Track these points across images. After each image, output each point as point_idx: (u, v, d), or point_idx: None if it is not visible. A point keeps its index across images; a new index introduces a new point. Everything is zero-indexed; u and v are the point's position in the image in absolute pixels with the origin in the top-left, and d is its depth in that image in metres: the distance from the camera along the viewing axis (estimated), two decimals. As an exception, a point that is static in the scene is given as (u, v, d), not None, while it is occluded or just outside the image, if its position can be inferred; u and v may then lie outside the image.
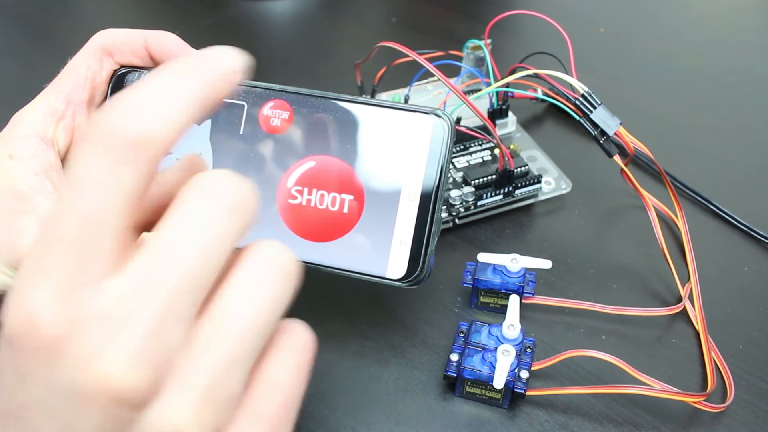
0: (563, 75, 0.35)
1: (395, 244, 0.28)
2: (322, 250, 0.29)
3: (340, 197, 0.29)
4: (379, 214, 0.28)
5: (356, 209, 0.29)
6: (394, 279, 0.28)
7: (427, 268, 0.28)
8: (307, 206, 0.29)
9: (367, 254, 0.29)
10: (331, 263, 0.29)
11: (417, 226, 0.28)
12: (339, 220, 0.29)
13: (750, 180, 0.44)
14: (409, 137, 0.28)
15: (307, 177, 0.29)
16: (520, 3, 0.65)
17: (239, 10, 0.61)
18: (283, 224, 0.29)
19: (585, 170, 0.43)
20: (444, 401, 0.32)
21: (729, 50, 0.56)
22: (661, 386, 0.32)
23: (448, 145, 0.28)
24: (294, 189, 0.29)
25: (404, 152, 0.28)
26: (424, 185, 0.28)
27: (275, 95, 0.30)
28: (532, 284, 0.36)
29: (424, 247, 0.28)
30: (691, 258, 0.37)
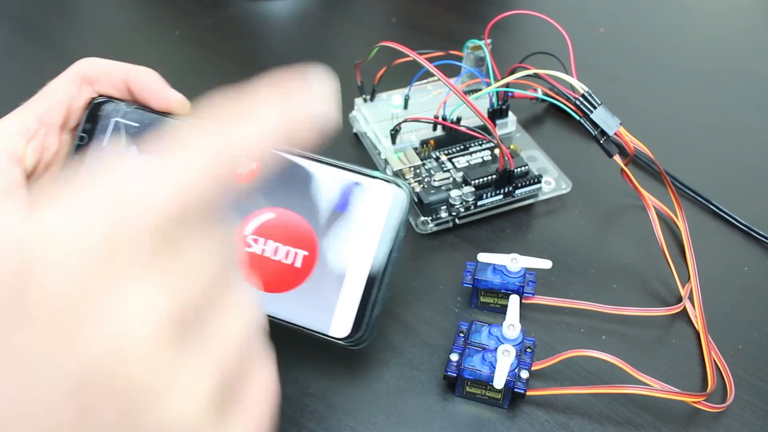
0: (563, 75, 0.35)
1: (341, 304, 0.29)
2: (270, 301, 0.30)
3: (294, 251, 0.30)
4: (330, 273, 0.29)
5: (308, 265, 0.30)
6: (336, 338, 0.29)
7: (370, 332, 0.29)
8: (261, 256, 0.30)
9: (313, 310, 0.29)
10: (277, 315, 0.30)
11: (365, 290, 0.29)
12: (290, 274, 0.30)
13: (750, 180, 0.44)
14: (367, 203, 0.29)
15: (264, 227, 0.30)
16: (520, 3, 0.65)
17: (239, 10, 0.61)
18: None
19: (585, 170, 0.43)
20: (444, 401, 0.32)
21: (729, 50, 0.56)
22: (661, 386, 0.32)
23: (404, 214, 0.29)
24: (251, 237, 0.30)
25: (361, 216, 0.29)
26: (377, 252, 0.29)
27: None
28: (532, 284, 0.36)
29: (369, 311, 0.29)
30: (691, 258, 0.37)
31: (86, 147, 0.33)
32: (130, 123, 0.33)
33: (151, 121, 0.32)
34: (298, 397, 0.32)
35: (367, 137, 0.45)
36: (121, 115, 0.33)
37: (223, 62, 0.55)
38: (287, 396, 0.32)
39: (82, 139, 0.33)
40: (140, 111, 0.33)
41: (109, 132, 0.33)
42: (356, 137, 0.47)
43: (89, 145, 0.33)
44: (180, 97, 0.32)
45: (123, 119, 0.33)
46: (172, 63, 0.55)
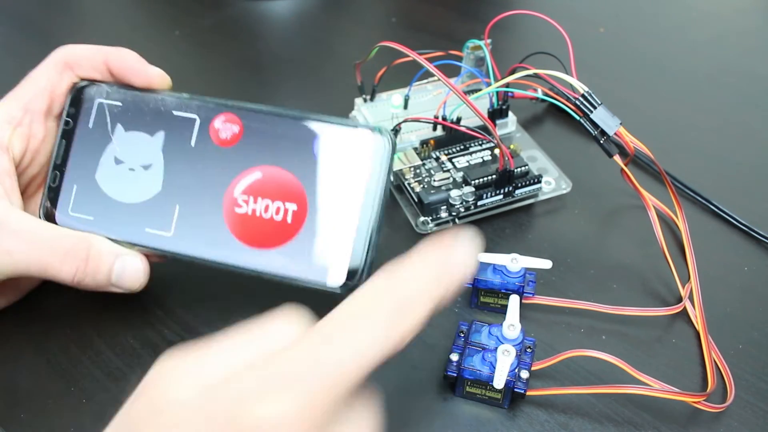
0: (563, 75, 0.35)
1: (335, 253, 0.29)
2: (264, 258, 0.30)
3: (284, 206, 0.30)
4: (321, 224, 0.30)
5: (299, 219, 0.30)
6: (333, 287, 0.29)
7: (363, 278, 0.29)
8: (252, 215, 0.30)
9: (307, 263, 0.30)
10: (273, 271, 0.30)
11: (357, 237, 0.29)
12: (282, 229, 0.30)
13: (750, 180, 0.44)
14: (351, 152, 0.30)
15: (253, 187, 0.31)
16: (520, 3, 0.65)
17: (239, 10, 0.61)
18: (228, 231, 0.31)
19: (585, 170, 0.43)
20: (444, 401, 0.32)
21: (729, 50, 0.56)
22: (661, 386, 0.32)
23: (388, 160, 0.29)
24: (240, 198, 0.31)
25: (347, 166, 0.30)
26: (365, 199, 0.29)
27: (226, 109, 0.32)
28: (532, 284, 0.36)
29: (363, 257, 0.29)
30: (691, 258, 0.37)
31: (72, 131, 0.34)
32: (113, 103, 0.33)
33: (134, 99, 0.33)
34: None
35: (367, 137, 0.45)
36: (104, 96, 0.33)
37: (223, 62, 0.55)
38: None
39: (67, 124, 0.34)
40: (123, 90, 0.33)
41: (93, 114, 0.33)
42: (356, 137, 0.46)
43: (75, 129, 0.34)
44: (160, 72, 0.33)
45: (106, 100, 0.33)
46: (172, 63, 0.55)
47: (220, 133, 0.31)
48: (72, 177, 0.33)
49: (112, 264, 0.32)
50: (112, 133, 0.33)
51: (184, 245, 0.31)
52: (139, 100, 0.33)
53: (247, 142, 0.31)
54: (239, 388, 0.20)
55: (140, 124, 0.33)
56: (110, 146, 0.33)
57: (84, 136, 0.33)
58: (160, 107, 0.32)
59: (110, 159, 0.33)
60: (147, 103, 0.33)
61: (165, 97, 0.33)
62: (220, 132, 0.31)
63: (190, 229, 0.31)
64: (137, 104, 0.33)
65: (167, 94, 0.33)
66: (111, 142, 0.33)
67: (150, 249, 0.32)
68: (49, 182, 0.34)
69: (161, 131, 0.32)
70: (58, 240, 0.32)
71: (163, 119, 0.32)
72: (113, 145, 0.33)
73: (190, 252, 0.31)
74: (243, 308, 0.26)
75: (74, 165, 0.33)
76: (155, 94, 0.33)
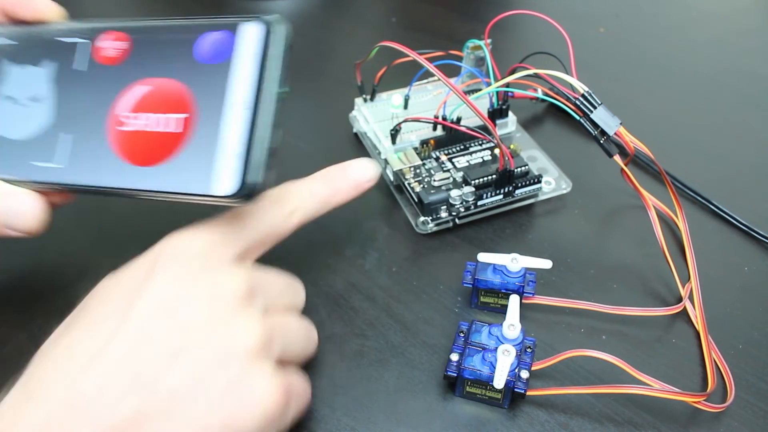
0: (563, 75, 0.35)
1: (227, 158, 0.27)
2: (155, 175, 0.28)
3: (172, 117, 0.28)
4: (211, 129, 0.27)
5: (188, 127, 0.28)
6: (226, 195, 0.26)
7: (259, 182, 0.27)
8: (141, 131, 0.28)
9: (198, 173, 0.27)
10: (164, 188, 0.28)
11: (249, 138, 0.26)
12: (170, 141, 0.28)
13: (750, 180, 0.44)
14: (236, 49, 0.27)
15: (140, 101, 0.29)
16: (520, 3, 0.65)
17: (239, 11, 0.61)
18: (111, 152, 0.29)
19: (585, 170, 0.43)
20: (444, 401, 0.32)
21: (729, 50, 0.56)
22: (661, 386, 0.32)
23: (280, 51, 0.27)
24: (128, 116, 0.29)
25: (234, 63, 0.27)
26: (255, 92, 0.27)
27: (110, 29, 0.30)
28: (533, 284, 0.36)
29: (256, 158, 0.26)
30: (691, 258, 0.37)
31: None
32: (7, 42, 0.32)
33: (25, 34, 0.32)
34: (298, 397, 0.32)
35: (367, 137, 0.45)
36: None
37: (223, 62, 0.55)
38: (287, 396, 0.32)
39: None
40: (15, 27, 0.32)
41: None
42: (356, 137, 0.47)
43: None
44: (48, 2, 0.32)
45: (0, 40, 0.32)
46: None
47: (104, 53, 0.30)
48: None
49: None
50: (3, 71, 0.32)
51: (76, 175, 0.30)
52: (30, 34, 0.32)
53: (133, 57, 0.30)
54: None
55: (30, 58, 0.32)
56: (2, 85, 0.32)
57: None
58: (47, 37, 0.32)
59: (2, 98, 0.32)
60: (38, 35, 0.32)
61: (53, 27, 0.32)
62: (105, 51, 0.30)
63: (80, 158, 0.30)
64: (27, 39, 0.32)
65: (57, 24, 0.32)
66: (2, 81, 0.32)
67: (44, 184, 0.30)
68: None
69: (49, 61, 0.31)
70: None
71: (51, 48, 0.31)
72: (4, 83, 0.32)
73: (83, 181, 0.29)
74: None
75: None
76: (46, 26, 0.32)
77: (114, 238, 0.39)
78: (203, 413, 0.25)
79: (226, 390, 0.25)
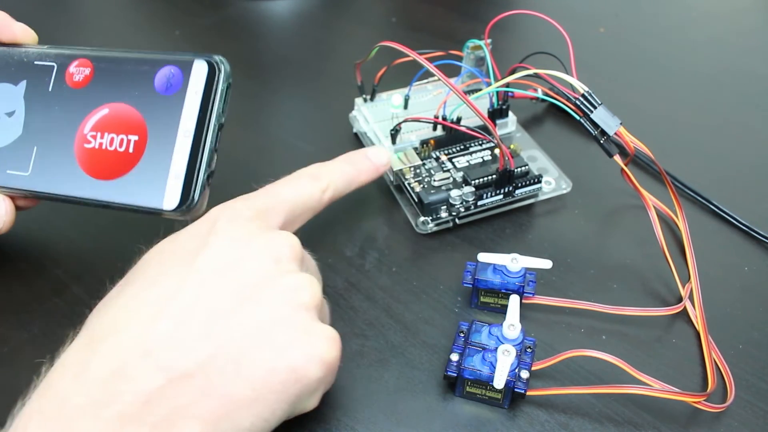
0: (563, 75, 0.35)
1: (171, 177, 0.31)
2: (109, 188, 0.32)
3: (127, 138, 0.32)
4: (159, 152, 0.32)
5: (140, 149, 0.32)
6: (168, 210, 0.31)
7: (196, 199, 0.31)
8: (99, 149, 0.33)
9: (146, 189, 0.32)
10: (117, 200, 0.32)
11: (190, 161, 0.31)
12: (125, 159, 0.32)
13: (750, 180, 0.44)
14: (185, 82, 0.32)
15: (100, 123, 0.33)
16: (520, 3, 0.65)
17: (239, 10, 0.61)
18: (77, 166, 0.33)
19: (585, 170, 0.43)
20: (444, 401, 0.32)
21: (729, 50, 0.56)
22: (661, 386, 0.32)
23: (221, 85, 0.32)
24: (89, 134, 0.33)
25: (183, 94, 0.32)
26: (197, 122, 0.31)
27: (80, 56, 0.34)
28: (533, 284, 0.36)
29: (195, 178, 0.31)
30: (691, 258, 0.37)
31: None
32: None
33: (4, 54, 0.36)
34: (298, 397, 0.32)
35: (367, 137, 0.45)
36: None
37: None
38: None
39: None
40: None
41: None
42: (356, 137, 0.47)
43: None
44: (24, 27, 0.36)
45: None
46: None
47: (74, 77, 0.34)
48: None
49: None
50: None
51: (40, 183, 0.34)
52: (6, 54, 0.36)
53: (96, 83, 0.34)
54: None
55: (5, 76, 0.36)
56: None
57: None
58: (23, 59, 0.35)
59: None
60: (12, 56, 0.36)
61: (28, 50, 0.36)
62: (74, 75, 0.34)
63: (45, 168, 0.34)
64: (4, 59, 0.36)
65: (32, 47, 0.36)
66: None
67: (10, 189, 0.34)
68: None
69: (23, 80, 0.35)
70: None
71: (26, 69, 0.35)
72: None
73: (45, 189, 0.34)
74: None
75: None
76: (22, 48, 0.36)
77: (114, 238, 0.39)
78: (271, 359, 0.26)
79: (292, 339, 0.27)
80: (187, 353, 0.25)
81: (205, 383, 0.25)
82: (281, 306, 0.27)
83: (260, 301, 0.27)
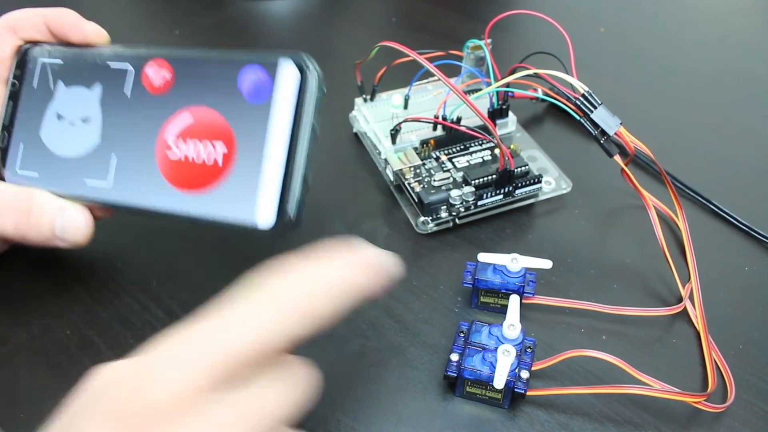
0: (563, 75, 0.35)
1: (264, 193, 0.29)
2: (198, 201, 0.30)
3: (214, 148, 0.30)
4: (250, 163, 0.29)
5: (229, 159, 0.30)
6: (263, 228, 0.29)
7: (295, 218, 0.29)
8: (184, 159, 0.30)
9: (237, 204, 0.29)
10: (204, 214, 0.30)
11: (285, 176, 0.29)
12: (212, 171, 0.30)
13: (750, 180, 0.44)
14: (275, 86, 0.29)
15: (183, 130, 0.31)
16: (520, 3, 0.65)
17: (239, 10, 0.61)
18: (160, 176, 0.31)
19: (585, 170, 0.43)
20: (444, 401, 0.32)
21: (729, 50, 0.56)
22: (661, 386, 0.32)
23: (315, 91, 0.29)
24: (171, 142, 0.31)
25: (274, 102, 0.29)
26: (292, 136, 0.29)
27: (157, 56, 0.32)
28: (533, 284, 0.36)
29: (292, 196, 0.28)
30: (691, 258, 0.37)
31: (18, 92, 0.35)
32: (54, 61, 0.34)
33: (73, 55, 0.34)
34: (298, 397, 0.32)
35: (367, 137, 0.45)
36: (45, 55, 0.35)
37: (223, 62, 0.55)
38: (287, 396, 0.32)
39: (14, 86, 0.35)
40: (63, 48, 0.34)
41: (37, 74, 0.35)
42: (356, 137, 0.47)
43: (21, 89, 0.35)
44: (95, 27, 0.34)
45: (48, 59, 0.34)
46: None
47: (152, 81, 0.32)
48: (19, 136, 0.34)
49: (54, 217, 0.32)
50: (54, 90, 0.34)
51: (123, 195, 0.32)
52: (78, 56, 0.34)
53: (177, 87, 0.31)
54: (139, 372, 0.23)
55: (79, 79, 0.34)
56: (52, 103, 0.34)
57: (29, 96, 0.35)
58: (97, 61, 0.33)
59: (53, 115, 0.34)
60: (85, 59, 0.34)
61: (101, 51, 0.34)
62: (152, 79, 0.32)
63: (126, 179, 0.32)
64: (76, 60, 0.34)
65: (104, 48, 0.34)
66: (53, 99, 0.34)
67: (91, 201, 0.33)
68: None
69: (98, 84, 0.33)
70: (22, 201, 0.32)
71: (100, 72, 0.33)
72: (55, 101, 0.34)
73: (129, 201, 0.32)
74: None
75: (21, 124, 0.35)
76: (93, 49, 0.34)
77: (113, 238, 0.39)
78: None
79: None
80: None
81: None
82: None
83: None
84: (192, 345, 0.23)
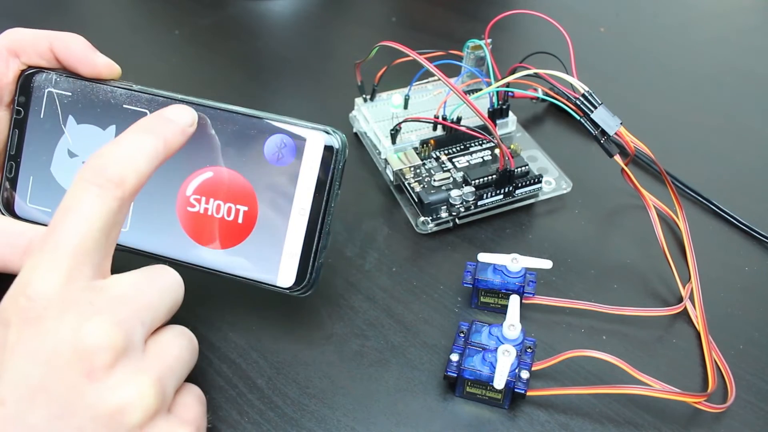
0: (564, 75, 0.35)
1: (285, 255, 0.30)
2: (217, 256, 0.31)
3: (235, 207, 0.31)
4: (271, 226, 0.30)
5: (250, 220, 0.30)
6: (283, 287, 0.31)
7: (314, 279, 0.30)
8: (204, 214, 0.31)
9: (258, 263, 0.31)
10: (225, 269, 0.31)
11: (306, 239, 0.30)
12: (234, 230, 0.31)
13: (750, 180, 0.44)
14: (302, 153, 0.30)
15: (204, 186, 0.31)
16: (520, 3, 0.65)
17: (239, 10, 0.61)
18: (181, 230, 0.31)
19: (585, 170, 0.43)
20: (444, 401, 0.32)
21: (729, 50, 0.56)
22: (661, 386, 0.31)
23: (339, 162, 0.30)
24: (192, 197, 0.31)
25: (297, 167, 0.30)
26: (314, 200, 0.30)
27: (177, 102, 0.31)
28: (533, 284, 0.36)
29: (312, 259, 0.30)
30: (691, 258, 0.37)
31: (24, 121, 0.33)
32: (63, 93, 0.33)
33: (84, 89, 0.32)
34: (298, 398, 0.32)
35: (367, 137, 0.45)
36: (52, 84, 0.33)
37: (223, 62, 0.55)
38: (287, 396, 0.32)
39: (18, 113, 0.33)
40: (71, 79, 0.33)
41: (44, 104, 0.33)
42: (356, 137, 0.46)
43: (26, 118, 0.33)
44: (107, 61, 0.32)
45: (55, 89, 0.33)
46: (171, 63, 0.55)
47: None
48: (28, 168, 0.33)
49: None
50: (65, 125, 0.33)
51: (139, 240, 0.32)
52: (89, 90, 0.32)
53: (199, 139, 0.30)
54: None
55: (92, 117, 0.32)
56: (63, 139, 0.33)
57: (36, 127, 0.33)
58: (111, 100, 0.32)
59: (64, 152, 0.33)
60: (97, 95, 0.32)
61: (115, 89, 0.32)
62: None
63: (144, 225, 0.32)
64: (87, 95, 0.32)
65: (117, 85, 0.32)
66: (64, 135, 0.33)
67: None
68: (6, 173, 0.34)
69: (113, 125, 0.32)
70: (16, 236, 0.31)
71: (115, 112, 0.32)
72: (66, 137, 0.33)
73: (146, 247, 0.32)
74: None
75: (29, 156, 0.33)
76: (105, 84, 0.32)
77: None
78: None
79: None
80: None
81: None
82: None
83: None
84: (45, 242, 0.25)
